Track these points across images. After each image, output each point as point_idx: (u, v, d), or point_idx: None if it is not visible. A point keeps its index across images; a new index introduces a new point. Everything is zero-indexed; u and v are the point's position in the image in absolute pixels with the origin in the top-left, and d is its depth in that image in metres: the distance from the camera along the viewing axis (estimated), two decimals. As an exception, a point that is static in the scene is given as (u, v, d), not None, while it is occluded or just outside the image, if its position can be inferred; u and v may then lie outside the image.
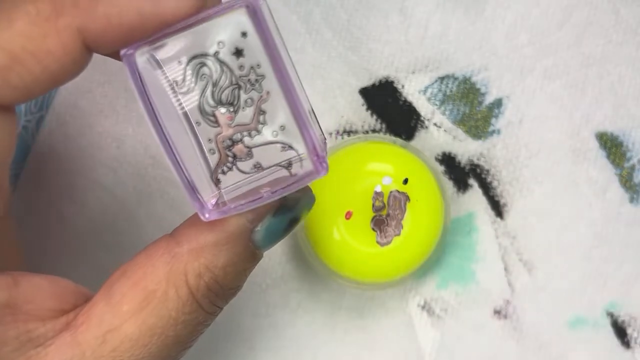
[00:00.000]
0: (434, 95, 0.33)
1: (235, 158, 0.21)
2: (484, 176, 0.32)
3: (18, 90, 0.21)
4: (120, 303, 0.22)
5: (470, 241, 0.32)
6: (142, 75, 0.20)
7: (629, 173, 0.32)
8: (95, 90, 0.33)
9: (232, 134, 0.21)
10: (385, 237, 0.29)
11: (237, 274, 0.23)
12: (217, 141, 0.21)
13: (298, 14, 0.33)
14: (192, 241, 0.22)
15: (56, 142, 0.33)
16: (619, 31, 0.32)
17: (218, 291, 0.23)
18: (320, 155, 0.21)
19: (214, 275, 0.22)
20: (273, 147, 0.21)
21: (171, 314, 0.22)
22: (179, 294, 0.22)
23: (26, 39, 0.21)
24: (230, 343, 0.32)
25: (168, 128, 0.21)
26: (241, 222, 0.22)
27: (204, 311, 0.23)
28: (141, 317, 0.22)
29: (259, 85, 0.21)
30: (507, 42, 0.33)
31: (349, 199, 0.30)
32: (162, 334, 0.22)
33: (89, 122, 0.33)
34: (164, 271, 0.22)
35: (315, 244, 0.30)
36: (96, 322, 0.22)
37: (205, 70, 0.20)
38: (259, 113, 0.21)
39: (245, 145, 0.21)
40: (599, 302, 0.32)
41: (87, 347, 0.22)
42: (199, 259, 0.22)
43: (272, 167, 0.21)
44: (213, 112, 0.21)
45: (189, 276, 0.22)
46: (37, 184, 0.33)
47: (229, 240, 0.22)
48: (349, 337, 0.32)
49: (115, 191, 0.32)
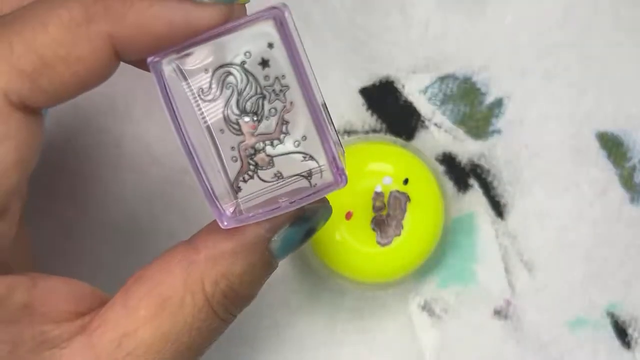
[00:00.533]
0: (434, 95, 0.33)
1: (257, 167, 0.21)
2: (484, 176, 0.32)
3: (47, 95, 0.21)
4: (137, 308, 0.22)
5: (470, 241, 0.32)
6: (168, 83, 0.21)
7: (630, 173, 0.32)
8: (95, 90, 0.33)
9: (254, 143, 0.21)
10: (385, 237, 0.29)
11: (253, 282, 0.23)
12: (240, 149, 0.21)
13: (298, 14, 0.33)
14: (210, 249, 0.22)
15: (56, 142, 0.33)
16: (619, 31, 0.32)
17: (234, 299, 0.23)
18: (340, 167, 0.22)
19: (231, 282, 0.23)
20: (294, 157, 0.21)
21: (186, 320, 0.22)
22: (195, 300, 0.22)
23: (58, 44, 0.21)
24: (230, 343, 0.32)
25: (191, 135, 0.21)
26: (259, 231, 0.22)
27: (219, 318, 0.23)
28: (157, 323, 0.22)
29: (283, 96, 0.21)
30: (508, 42, 0.33)
31: (349, 199, 0.30)
32: (177, 340, 0.22)
33: (89, 121, 0.33)
34: (181, 278, 0.22)
35: (316, 244, 0.30)
36: (112, 325, 0.22)
37: (231, 79, 0.21)
38: (282, 123, 0.21)
39: (267, 154, 0.21)
40: (599, 303, 0.32)
41: (101, 350, 0.22)
42: (216, 266, 0.22)
43: (293, 176, 0.21)
44: (237, 121, 0.21)
45: (206, 283, 0.22)
46: (37, 184, 0.32)
47: (246, 249, 0.22)
48: (349, 338, 0.32)
49: (115, 191, 0.32)
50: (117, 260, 0.32)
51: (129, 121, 0.33)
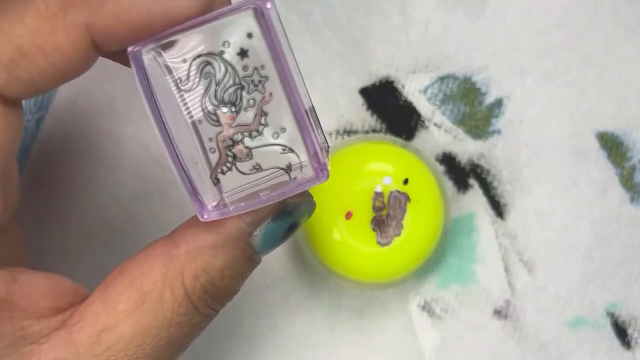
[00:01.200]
0: (434, 95, 0.33)
1: (235, 158, 0.21)
2: (484, 176, 0.32)
3: (24, 85, 0.21)
4: (116, 302, 0.22)
5: (470, 241, 0.32)
6: (147, 73, 0.21)
7: (630, 173, 0.32)
8: (95, 90, 0.33)
9: (232, 134, 0.21)
10: (385, 237, 0.29)
11: (234, 277, 0.23)
12: (218, 140, 0.21)
13: (298, 14, 0.33)
14: (190, 243, 0.22)
15: (56, 142, 0.33)
16: (619, 31, 0.32)
17: (214, 294, 0.23)
18: (322, 162, 0.21)
19: (211, 277, 0.22)
20: (273, 150, 0.21)
21: (166, 315, 0.22)
22: (174, 295, 0.22)
23: (34, 35, 0.21)
24: (230, 342, 0.32)
25: (171, 127, 0.21)
26: (240, 225, 0.22)
27: (200, 313, 0.23)
28: (136, 317, 0.22)
29: (262, 87, 0.21)
30: (508, 42, 0.33)
31: (349, 199, 0.30)
32: (157, 334, 0.22)
33: (88, 122, 0.33)
34: (160, 272, 0.22)
35: (315, 244, 0.30)
36: (91, 320, 0.22)
37: (209, 69, 0.21)
38: (260, 114, 0.21)
39: (246, 146, 0.21)
40: (599, 302, 0.32)
41: (81, 345, 0.22)
42: (195, 260, 0.22)
43: (272, 169, 0.21)
44: (215, 111, 0.21)
45: (185, 277, 0.22)
46: (37, 184, 0.33)
47: (227, 243, 0.22)
48: (348, 337, 0.32)
49: (115, 191, 0.32)
50: (116, 261, 0.32)
51: (129, 122, 0.33)
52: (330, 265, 0.30)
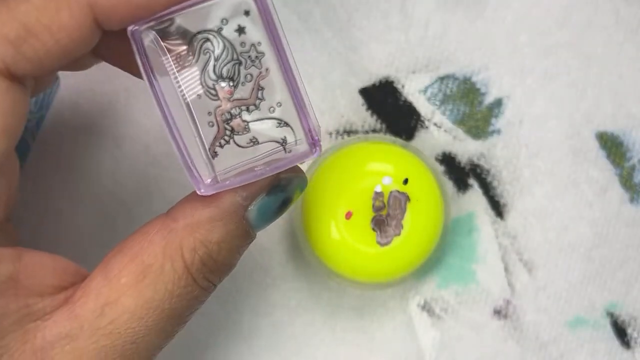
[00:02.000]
0: (434, 95, 0.33)
1: (233, 132, 0.22)
2: (484, 176, 0.32)
3: (31, 62, 0.22)
4: (118, 277, 0.23)
5: (470, 241, 0.32)
6: (146, 52, 0.21)
7: (629, 173, 0.32)
8: (95, 90, 0.33)
9: (231, 108, 0.22)
10: (385, 237, 0.29)
11: (231, 250, 0.24)
12: (217, 114, 0.22)
13: (298, 14, 0.33)
14: (188, 217, 0.23)
15: (56, 142, 0.33)
16: (619, 31, 0.32)
17: (212, 266, 0.23)
18: (315, 137, 0.22)
19: (208, 250, 0.23)
20: (269, 123, 0.22)
21: (167, 287, 0.23)
22: (174, 267, 0.23)
23: (40, 12, 0.21)
24: (230, 342, 0.32)
25: (170, 103, 0.21)
26: (235, 198, 0.23)
27: (199, 286, 0.23)
28: (138, 290, 0.22)
29: (259, 62, 0.22)
30: (508, 42, 0.33)
31: (349, 199, 0.30)
32: (159, 306, 0.23)
33: (89, 121, 0.33)
34: (160, 246, 0.23)
35: (315, 244, 0.30)
36: (94, 296, 0.23)
37: (208, 45, 0.21)
38: (257, 89, 0.22)
39: (243, 120, 0.22)
40: (599, 302, 0.32)
41: (84, 319, 0.22)
42: (193, 233, 0.23)
43: (267, 142, 0.22)
44: (214, 86, 0.21)
45: (184, 250, 0.23)
46: (37, 184, 0.33)
47: (223, 217, 0.23)
48: (348, 337, 0.32)
49: (115, 191, 0.32)
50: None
51: (129, 122, 0.33)
52: (330, 265, 0.30)
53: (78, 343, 0.22)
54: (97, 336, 0.22)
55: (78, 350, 0.22)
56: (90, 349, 0.22)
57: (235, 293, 0.32)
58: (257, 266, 0.32)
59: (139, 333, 0.23)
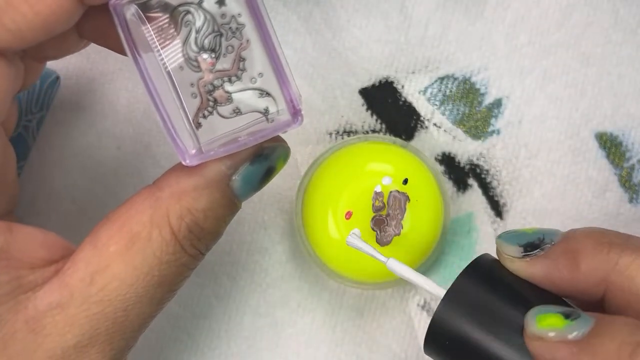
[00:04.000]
0: (433, 96, 0.33)
1: (216, 103, 0.22)
2: (483, 176, 0.32)
3: (12, 34, 0.22)
4: (107, 245, 0.23)
5: (470, 241, 0.32)
6: (129, 25, 0.21)
7: (629, 173, 0.32)
8: (96, 91, 0.33)
9: (213, 79, 0.22)
10: (385, 237, 0.29)
11: (217, 219, 0.24)
12: (199, 86, 0.22)
13: (298, 14, 0.33)
14: (173, 186, 0.23)
15: (57, 142, 0.33)
16: (618, 31, 0.32)
17: (199, 234, 0.24)
18: (297, 107, 0.23)
19: (195, 217, 0.23)
20: (251, 94, 0.22)
21: (156, 254, 0.23)
22: (162, 234, 0.23)
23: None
24: (230, 342, 0.32)
25: (153, 77, 0.22)
26: (219, 168, 0.23)
27: (186, 253, 0.24)
28: (127, 257, 0.23)
29: (240, 34, 0.22)
30: (507, 42, 0.33)
31: (349, 199, 0.30)
32: (148, 273, 0.23)
33: (89, 122, 0.33)
34: (147, 214, 0.23)
35: (315, 243, 0.30)
36: (83, 264, 0.23)
37: (189, 17, 0.22)
38: (239, 60, 0.22)
39: (226, 91, 0.22)
40: (598, 302, 0.32)
41: (74, 288, 0.23)
42: (180, 201, 0.23)
43: (250, 112, 0.22)
44: (196, 58, 0.22)
45: (171, 218, 0.23)
46: (38, 184, 0.33)
47: (208, 185, 0.23)
48: (348, 337, 0.32)
49: (116, 191, 0.33)
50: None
51: (130, 122, 0.33)
52: (330, 265, 0.30)
53: (69, 311, 0.22)
54: (88, 304, 0.23)
55: (69, 318, 0.22)
56: (82, 316, 0.23)
57: (236, 293, 0.32)
58: (257, 266, 0.32)
59: (129, 300, 0.23)
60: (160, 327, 0.32)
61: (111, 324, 0.23)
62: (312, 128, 0.33)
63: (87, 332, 0.23)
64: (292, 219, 0.32)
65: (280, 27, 0.33)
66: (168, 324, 0.32)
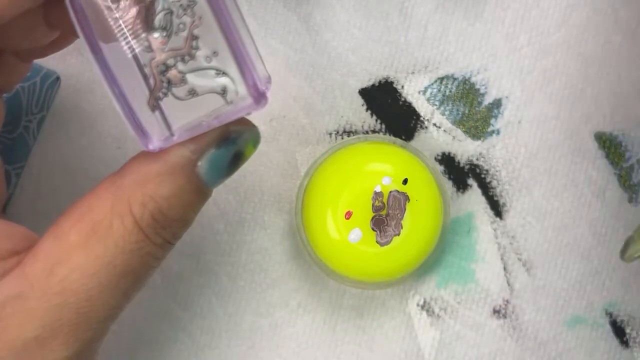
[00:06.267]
0: (433, 96, 0.33)
1: (170, 84, 0.21)
2: (483, 176, 0.32)
3: None
4: (67, 235, 0.22)
5: (469, 241, 0.32)
6: (82, 5, 0.21)
7: (628, 173, 0.32)
8: (96, 91, 0.33)
9: (165, 59, 0.21)
10: (384, 237, 0.29)
11: (182, 206, 0.23)
12: (152, 66, 0.21)
13: (298, 15, 0.33)
14: (135, 172, 0.22)
15: (57, 143, 0.33)
16: (618, 32, 0.32)
17: (164, 222, 0.23)
18: (259, 85, 0.21)
19: (158, 205, 0.22)
20: (207, 74, 0.21)
21: (117, 243, 0.22)
22: (124, 223, 0.22)
23: None
24: (230, 341, 0.32)
25: (110, 60, 0.21)
26: (183, 152, 0.22)
27: (151, 242, 0.23)
28: (88, 247, 0.22)
29: (191, 11, 0.21)
30: (507, 42, 0.33)
31: (349, 199, 0.30)
32: (110, 262, 0.22)
33: (90, 122, 0.33)
34: (108, 203, 0.22)
35: (315, 243, 0.30)
36: (43, 255, 0.22)
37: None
38: (191, 38, 0.21)
39: (179, 71, 0.21)
40: (597, 302, 0.32)
41: (34, 278, 0.22)
42: (142, 188, 0.22)
43: (207, 94, 0.21)
44: (147, 37, 0.21)
45: (133, 205, 0.22)
46: (38, 184, 0.33)
47: (172, 171, 0.22)
48: (348, 337, 0.32)
49: (116, 191, 0.33)
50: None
51: (130, 122, 0.33)
52: (330, 265, 0.30)
53: (29, 303, 0.22)
54: (49, 295, 0.22)
55: (30, 310, 0.22)
56: (42, 308, 0.22)
57: (236, 293, 0.32)
58: (257, 266, 0.32)
59: (92, 290, 0.22)
60: (160, 327, 0.32)
61: (74, 315, 0.22)
62: (312, 128, 0.33)
63: (48, 323, 0.22)
64: (292, 219, 0.32)
65: (280, 27, 0.33)
66: (168, 324, 0.32)
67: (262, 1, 0.33)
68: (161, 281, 0.32)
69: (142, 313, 0.32)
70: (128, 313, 0.32)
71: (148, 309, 0.32)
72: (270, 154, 0.33)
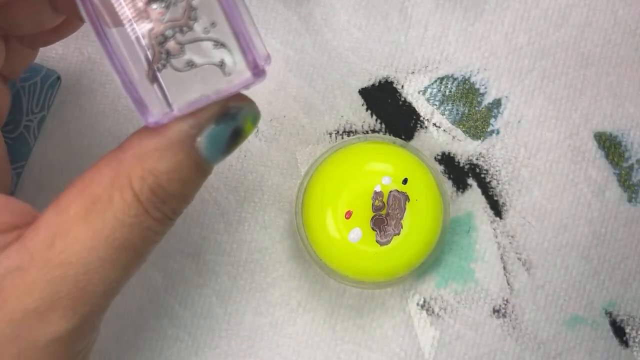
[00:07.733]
0: (433, 96, 0.33)
1: (169, 55, 0.21)
2: (483, 176, 0.33)
3: None
4: (67, 209, 0.22)
5: (469, 240, 0.32)
6: None
7: (628, 172, 0.32)
8: (96, 91, 0.33)
9: (164, 30, 0.21)
10: (384, 237, 0.29)
11: (182, 181, 0.23)
12: (151, 37, 0.21)
13: (298, 14, 0.33)
14: (135, 147, 0.22)
15: (57, 142, 0.33)
16: (617, 32, 0.33)
17: (163, 196, 0.23)
18: (257, 58, 0.21)
19: (158, 179, 0.22)
20: (205, 45, 0.21)
21: (117, 216, 0.22)
22: (123, 196, 0.22)
23: None
24: (230, 341, 0.32)
25: (109, 34, 0.21)
26: (182, 127, 0.22)
27: (150, 216, 0.23)
28: (88, 220, 0.22)
29: None
30: (506, 42, 0.33)
31: (349, 198, 0.30)
32: (109, 236, 0.22)
33: (90, 122, 0.33)
34: (109, 176, 0.22)
35: (315, 243, 0.30)
36: (44, 228, 0.22)
37: None
38: (189, 9, 0.21)
39: (178, 42, 0.21)
40: (597, 301, 0.32)
41: (34, 251, 0.22)
42: (142, 163, 0.22)
43: (205, 65, 0.21)
44: (145, 9, 0.21)
45: (133, 179, 0.22)
46: (39, 184, 0.33)
47: (171, 146, 0.22)
48: (348, 336, 0.32)
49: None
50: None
51: (130, 122, 0.33)
52: (330, 265, 0.30)
53: (29, 274, 0.22)
54: (48, 267, 0.22)
55: (29, 282, 0.22)
56: (42, 279, 0.22)
57: (236, 293, 0.32)
58: (257, 266, 0.32)
59: (91, 264, 0.22)
60: (160, 326, 0.32)
61: (73, 288, 0.22)
62: (312, 128, 0.33)
63: (48, 295, 0.22)
64: (292, 218, 0.32)
65: (280, 27, 0.33)
66: (168, 323, 0.32)
67: (262, 1, 0.33)
68: (161, 280, 0.32)
69: (143, 312, 0.32)
70: (128, 312, 0.32)
71: (148, 308, 0.32)
72: (270, 153, 0.33)
